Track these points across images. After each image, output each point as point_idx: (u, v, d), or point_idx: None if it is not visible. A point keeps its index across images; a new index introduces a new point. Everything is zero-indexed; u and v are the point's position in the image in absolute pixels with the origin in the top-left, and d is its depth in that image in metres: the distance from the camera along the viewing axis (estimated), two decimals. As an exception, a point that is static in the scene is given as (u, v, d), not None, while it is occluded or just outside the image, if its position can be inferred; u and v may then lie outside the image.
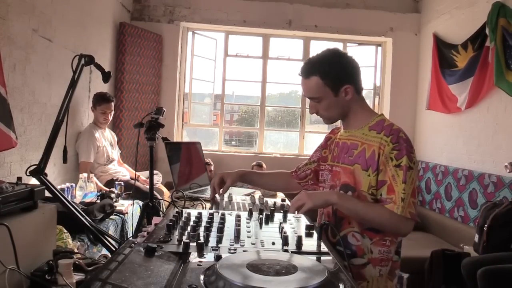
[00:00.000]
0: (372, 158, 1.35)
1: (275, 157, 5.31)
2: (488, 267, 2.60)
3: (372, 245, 1.36)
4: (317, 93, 1.42)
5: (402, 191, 1.29)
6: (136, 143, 2.53)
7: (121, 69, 4.54)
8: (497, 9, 3.51)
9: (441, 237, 4.04)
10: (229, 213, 1.36)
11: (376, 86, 5.52)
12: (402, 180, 1.30)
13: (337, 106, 1.43)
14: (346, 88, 1.40)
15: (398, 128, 1.37)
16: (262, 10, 5.09)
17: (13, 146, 2.35)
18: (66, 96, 2.00)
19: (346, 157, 1.44)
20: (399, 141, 1.33)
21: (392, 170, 1.32)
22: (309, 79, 1.42)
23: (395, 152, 1.32)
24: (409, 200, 1.29)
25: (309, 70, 1.42)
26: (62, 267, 1.19)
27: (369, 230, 1.36)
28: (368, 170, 1.36)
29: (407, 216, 1.29)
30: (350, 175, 1.40)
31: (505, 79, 3.41)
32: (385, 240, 1.37)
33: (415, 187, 1.32)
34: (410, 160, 1.32)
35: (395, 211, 1.28)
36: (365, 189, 1.36)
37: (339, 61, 1.42)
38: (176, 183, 2.32)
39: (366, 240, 1.36)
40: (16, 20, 2.58)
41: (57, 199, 1.90)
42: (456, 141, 4.28)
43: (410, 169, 1.31)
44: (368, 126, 1.42)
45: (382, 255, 1.36)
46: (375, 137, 1.37)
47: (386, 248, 1.37)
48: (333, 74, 1.39)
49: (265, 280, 0.77)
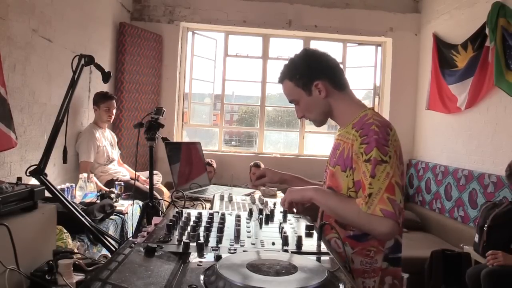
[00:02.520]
0: (348, 157, 1.29)
1: (275, 157, 5.31)
2: (492, 268, 2.60)
3: (353, 255, 1.27)
4: (292, 96, 1.42)
5: (369, 185, 1.18)
6: (136, 143, 2.53)
7: (121, 69, 4.54)
8: (497, 9, 3.51)
9: (441, 237, 4.04)
10: (229, 213, 1.36)
11: (376, 86, 5.52)
12: (370, 174, 1.19)
13: (316, 106, 1.40)
14: (317, 85, 1.36)
15: (372, 122, 1.26)
16: (262, 10, 5.09)
17: (13, 146, 2.35)
18: (66, 96, 2.00)
19: (332, 159, 1.42)
20: (368, 133, 1.24)
21: (363, 166, 1.22)
22: (283, 84, 1.44)
23: (364, 146, 1.23)
24: (382, 196, 1.16)
25: (281, 76, 1.44)
26: (62, 267, 1.19)
27: (351, 238, 1.28)
28: (346, 171, 1.29)
29: (377, 214, 1.15)
30: (332, 177, 1.36)
31: (505, 79, 3.41)
32: (369, 251, 1.27)
33: (392, 182, 1.18)
34: (383, 152, 1.20)
35: (361, 208, 1.18)
36: (344, 191, 1.29)
37: (304, 60, 1.40)
38: (176, 183, 2.32)
39: (348, 248, 1.27)
40: (16, 20, 2.58)
41: (57, 199, 1.90)
42: (456, 141, 4.28)
43: (383, 163, 1.19)
44: (352, 123, 1.35)
45: (364, 267, 1.26)
46: (351, 134, 1.30)
47: (369, 260, 1.27)
48: (299, 73, 1.38)
49: (265, 280, 0.77)
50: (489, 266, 2.62)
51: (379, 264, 1.28)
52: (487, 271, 2.58)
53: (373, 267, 1.27)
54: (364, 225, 1.21)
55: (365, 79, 5.60)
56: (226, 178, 4.57)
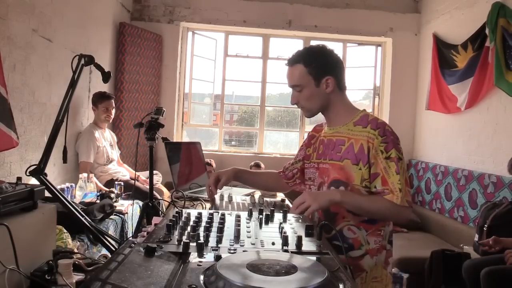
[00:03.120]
0: (362, 152, 1.39)
1: (275, 157, 5.31)
2: (492, 267, 2.60)
3: (368, 236, 1.41)
4: (300, 81, 1.46)
5: (398, 181, 1.34)
6: (136, 143, 2.53)
7: (121, 69, 4.54)
8: (497, 9, 3.51)
9: (441, 237, 4.04)
10: (229, 213, 1.36)
11: (376, 86, 5.52)
12: (396, 171, 1.35)
13: (318, 97, 1.47)
14: (328, 79, 1.45)
15: (383, 122, 1.43)
16: (262, 10, 5.09)
17: (13, 146, 2.35)
18: (66, 96, 2.00)
19: (333, 154, 1.47)
20: (386, 134, 1.39)
21: (384, 162, 1.37)
22: (294, 67, 1.48)
23: (384, 145, 1.38)
24: (405, 189, 1.35)
25: (295, 59, 1.48)
26: (62, 267, 1.19)
27: (365, 222, 1.41)
28: (359, 164, 1.39)
29: (405, 205, 1.34)
30: (340, 170, 1.43)
31: (505, 79, 3.41)
32: (380, 230, 1.42)
33: (406, 176, 1.39)
34: (399, 151, 1.39)
35: (395, 201, 1.33)
36: (357, 182, 1.39)
37: (323, 53, 1.48)
38: (176, 183, 2.32)
39: (362, 231, 1.41)
40: (16, 20, 2.58)
41: (57, 199, 1.90)
42: (456, 141, 4.28)
43: (400, 160, 1.37)
44: (352, 122, 1.47)
45: (377, 245, 1.42)
46: (362, 131, 1.42)
47: (381, 238, 1.43)
48: (316, 63, 1.44)
49: (265, 280, 0.77)
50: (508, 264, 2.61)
51: (386, 243, 1.44)
52: (487, 271, 2.58)
53: (382, 245, 1.43)
54: (395, 216, 1.39)
55: (365, 79, 5.60)
56: (226, 178, 4.56)
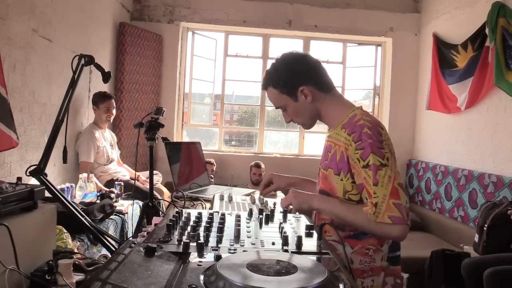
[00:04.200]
0: (342, 160, 1.27)
1: (275, 157, 5.31)
2: (495, 268, 2.59)
3: (353, 255, 1.27)
4: (279, 102, 1.40)
5: (374, 194, 1.18)
6: (136, 143, 2.53)
7: (121, 69, 4.54)
8: (497, 9, 3.51)
9: (441, 237, 4.04)
10: (229, 213, 1.36)
11: (376, 86, 5.52)
12: (373, 182, 1.18)
13: (303, 111, 1.38)
14: (302, 90, 1.34)
15: (363, 124, 1.24)
16: (262, 10, 5.09)
17: (13, 146, 2.35)
18: (66, 96, 2.00)
19: (323, 161, 1.40)
20: (362, 138, 1.22)
21: (363, 172, 1.21)
22: (267, 91, 1.41)
23: (360, 152, 1.22)
24: (388, 203, 1.16)
25: (264, 83, 1.41)
26: (62, 267, 1.19)
27: (350, 237, 1.28)
28: (340, 175, 1.28)
29: (386, 222, 1.16)
30: (325, 180, 1.34)
31: (505, 79, 3.41)
32: (367, 249, 1.26)
33: (395, 185, 1.18)
34: (380, 156, 1.20)
35: (369, 217, 1.18)
36: (340, 194, 1.29)
37: (285, 67, 1.36)
38: (176, 183, 2.32)
39: (347, 248, 1.25)
40: (16, 20, 2.58)
41: (57, 199, 1.90)
42: (456, 141, 4.28)
43: (383, 166, 1.19)
44: (341, 124, 1.33)
45: (363, 266, 1.26)
46: (343, 136, 1.29)
47: (368, 258, 1.26)
48: (283, 80, 1.35)
49: (265, 280, 0.77)
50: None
51: (378, 263, 1.28)
52: (490, 272, 2.57)
53: (371, 266, 1.27)
54: (376, 232, 1.22)
55: (365, 79, 5.60)
56: (226, 178, 4.57)
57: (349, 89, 5.57)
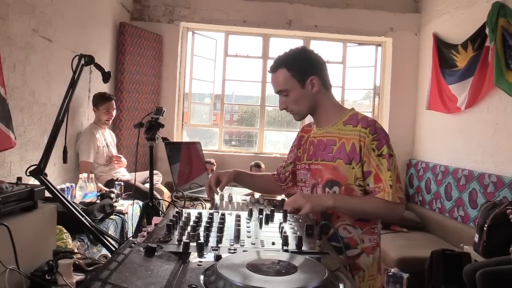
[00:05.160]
0: (354, 151, 1.40)
1: (275, 157, 5.31)
2: (487, 269, 2.60)
3: (363, 235, 1.42)
4: (285, 85, 1.46)
5: (389, 178, 1.35)
6: (136, 143, 2.53)
7: (121, 69, 4.54)
8: (497, 9, 3.51)
9: (441, 237, 4.04)
10: (229, 213, 1.36)
11: (376, 86, 5.52)
12: (387, 168, 1.36)
13: (305, 99, 1.47)
14: (312, 79, 1.44)
15: (373, 120, 1.43)
16: (262, 10, 5.09)
17: (12, 146, 2.35)
18: (66, 96, 2.00)
19: (325, 154, 1.47)
20: (377, 131, 1.39)
21: (376, 160, 1.37)
22: (277, 73, 1.47)
23: (376, 143, 1.38)
24: (396, 186, 1.36)
25: (277, 64, 1.47)
26: (62, 267, 1.19)
27: (360, 220, 1.42)
28: (351, 163, 1.40)
29: (397, 201, 1.35)
30: (333, 171, 1.43)
31: (505, 79, 3.41)
32: (373, 228, 1.45)
33: (398, 172, 1.40)
34: (390, 148, 1.39)
35: (387, 198, 1.34)
36: (351, 181, 1.40)
37: (304, 54, 1.47)
38: (176, 183, 2.32)
39: (358, 230, 1.42)
40: (16, 20, 2.58)
41: (57, 199, 1.90)
42: (456, 141, 4.28)
43: (391, 157, 1.38)
44: (342, 121, 1.47)
45: (372, 243, 1.44)
46: (352, 130, 1.42)
47: (375, 236, 1.45)
48: (298, 65, 1.44)
49: (265, 280, 0.77)
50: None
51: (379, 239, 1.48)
52: (482, 272, 2.58)
53: (377, 241, 1.46)
54: (389, 213, 1.39)
55: (365, 79, 5.60)
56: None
57: (349, 89, 5.57)
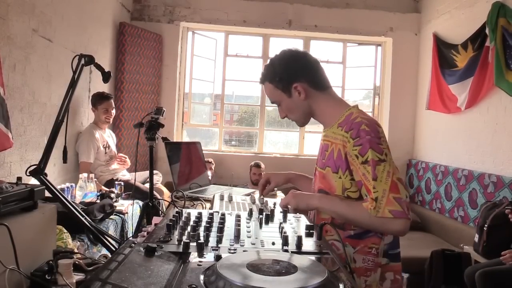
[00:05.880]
0: (339, 158, 1.28)
1: (275, 157, 5.31)
2: (486, 269, 2.60)
3: (355, 254, 1.27)
4: (274, 97, 1.42)
5: (373, 189, 1.18)
6: (136, 143, 2.53)
7: (121, 69, 4.54)
8: (497, 9, 3.51)
9: (441, 237, 4.04)
10: (229, 213, 1.36)
11: (376, 86, 5.52)
12: (372, 177, 1.19)
13: (296, 107, 1.40)
14: (296, 87, 1.36)
15: (361, 121, 1.25)
16: (262, 10, 5.09)
17: (10, 146, 2.36)
18: (66, 96, 2.00)
19: (320, 160, 1.41)
20: (360, 134, 1.23)
21: (361, 168, 1.21)
22: (264, 85, 1.44)
23: (358, 148, 1.22)
24: (388, 197, 1.17)
25: (262, 77, 1.44)
26: (62, 267, 1.19)
27: (351, 237, 1.28)
28: (338, 172, 1.29)
29: (387, 216, 1.16)
30: (323, 179, 1.35)
31: (505, 79, 3.41)
32: (370, 248, 1.27)
33: (394, 180, 1.19)
34: (379, 152, 1.20)
35: (370, 212, 1.18)
36: (339, 192, 1.29)
37: (283, 62, 1.38)
38: (176, 183, 2.32)
39: (349, 249, 1.26)
40: (16, 20, 2.58)
41: (57, 199, 1.90)
42: (456, 141, 4.28)
43: (381, 162, 1.19)
44: (337, 123, 1.34)
45: (366, 265, 1.26)
46: (339, 134, 1.30)
47: (372, 257, 1.27)
48: (278, 76, 1.37)
49: (265, 280, 0.77)
50: (507, 265, 2.61)
51: (379, 260, 1.29)
52: (481, 272, 2.58)
53: (376, 262, 1.27)
54: (378, 227, 1.22)
55: (365, 79, 5.60)
56: (226, 178, 4.57)
57: (349, 89, 5.57)
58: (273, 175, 1.62)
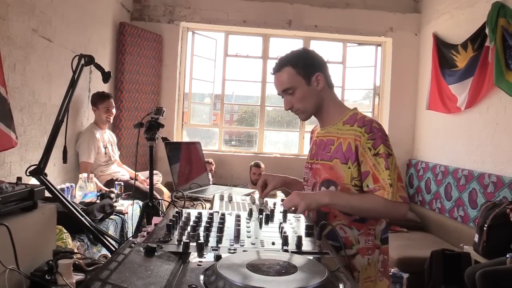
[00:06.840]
0: (349, 150, 1.40)
1: (275, 157, 5.31)
2: (486, 269, 2.61)
3: (359, 236, 1.41)
4: (290, 83, 1.46)
5: (388, 177, 1.33)
6: (136, 143, 2.53)
7: (121, 69, 4.54)
8: (497, 9, 3.51)
9: (441, 237, 4.04)
10: (229, 213, 1.36)
11: (376, 86, 5.52)
12: (385, 167, 1.33)
13: (311, 96, 1.47)
14: (317, 76, 1.45)
15: (371, 119, 1.42)
16: (262, 10, 5.09)
17: (13, 146, 2.35)
18: (66, 96, 2.00)
19: (324, 154, 1.48)
20: (373, 130, 1.37)
21: (372, 160, 1.36)
22: (281, 72, 1.47)
23: (371, 142, 1.37)
24: (397, 185, 1.33)
25: (280, 63, 1.48)
26: (62, 267, 1.19)
27: (356, 221, 1.41)
28: (347, 163, 1.40)
29: (399, 201, 1.32)
30: (330, 170, 1.44)
31: (505, 79, 3.41)
32: (370, 229, 1.42)
33: (399, 172, 1.37)
34: (388, 147, 1.37)
35: (386, 197, 1.31)
36: (347, 181, 1.40)
37: (307, 53, 1.51)
38: (176, 183, 2.32)
39: (354, 231, 1.40)
40: (16, 20, 2.58)
41: (57, 199, 1.90)
42: (456, 141, 4.28)
43: (390, 156, 1.36)
44: (342, 121, 1.47)
45: (368, 244, 1.41)
46: (349, 130, 1.42)
47: (372, 238, 1.42)
48: (303, 62, 1.45)
49: (265, 280, 0.77)
50: None
51: (378, 242, 1.43)
52: (482, 272, 2.59)
53: (374, 244, 1.42)
54: (390, 212, 1.36)
55: (365, 79, 5.60)
56: (226, 178, 4.57)
57: (349, 89, 5.57)
58: (270, 176, 1.65)
